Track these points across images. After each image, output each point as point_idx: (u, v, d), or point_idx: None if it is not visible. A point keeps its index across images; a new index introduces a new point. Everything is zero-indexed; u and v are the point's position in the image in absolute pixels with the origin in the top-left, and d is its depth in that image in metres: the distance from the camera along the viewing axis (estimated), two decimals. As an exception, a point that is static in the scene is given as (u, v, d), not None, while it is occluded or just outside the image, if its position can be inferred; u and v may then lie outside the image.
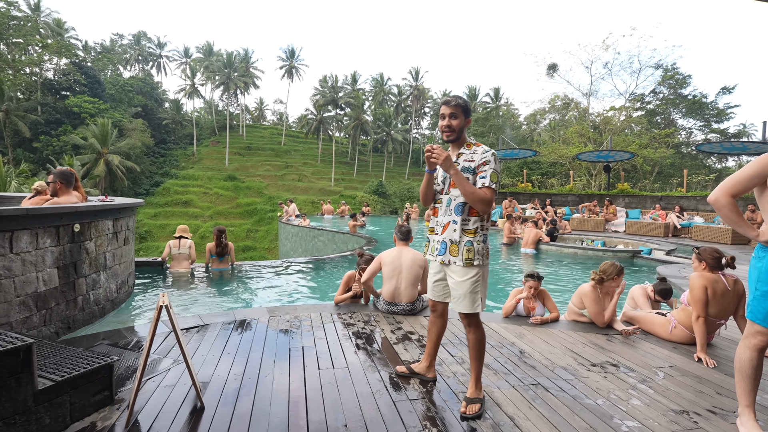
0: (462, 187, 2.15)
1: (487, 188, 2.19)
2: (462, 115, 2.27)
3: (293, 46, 66.06)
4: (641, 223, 13.15)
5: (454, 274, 2.30)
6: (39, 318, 3.32)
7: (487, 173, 2.20)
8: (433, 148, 2.14)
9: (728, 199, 2.03)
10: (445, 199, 2.34)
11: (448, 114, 2.26)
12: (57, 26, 49.29)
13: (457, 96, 2.28)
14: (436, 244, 2.37)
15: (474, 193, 2.15)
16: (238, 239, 38.66)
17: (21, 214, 3.08)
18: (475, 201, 2.16)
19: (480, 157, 2.23)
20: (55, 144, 39.84)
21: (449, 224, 2.29)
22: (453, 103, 2.25)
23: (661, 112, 34.72)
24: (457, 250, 2.26)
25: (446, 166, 2.12)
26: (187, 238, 6.75)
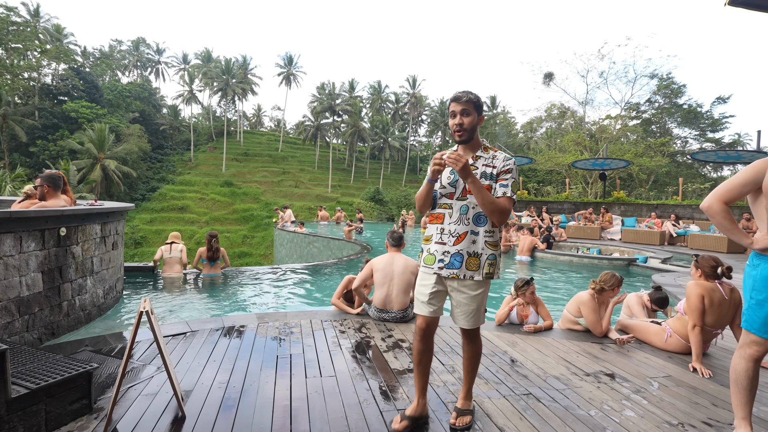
0: (481, 197, 1.94)
1: (507, 198, 2.02)
2: (474, 112, 2.06)
3: (291, 53, 66.55)
4: (637, 231, 13.15)
5: (468, 289, 2.09)
6: (21, 323, 3.24)
7: (508, 182, 2.04)
8: (448, 155, 1.93)
9: (721, 206, 2.00)
10: (458, 206, 2.08)
11: (460, 111, 2.04)
12: (56, 32, 49.44)
13: (468, 91, 2.05)
14: (444, 255, 2.09)
15: (494, 203, 1.97)
16: (234, 245, 38.47)
17: (4, 217, 3.02)
18: (494, 212, 1.99)
19: (502, 164, 2.07)
20: (51, 149, 39.74)
21: (467, 235, 2.05)
22: (464, 99, 2.03)
23: (657, 121, 35.00)
24: (477, 264, 2.06)
25: (465, 173, 1.92)
26: (179, 243, 6.71)
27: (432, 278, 2.15)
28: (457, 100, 2.05)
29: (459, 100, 2.04)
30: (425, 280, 2.19)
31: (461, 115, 2.04)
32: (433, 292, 2.15)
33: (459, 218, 2.07)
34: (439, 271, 2.11)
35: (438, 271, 2.11)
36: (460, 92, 2.07)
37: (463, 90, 2.08)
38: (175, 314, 4.93)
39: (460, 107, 2.04)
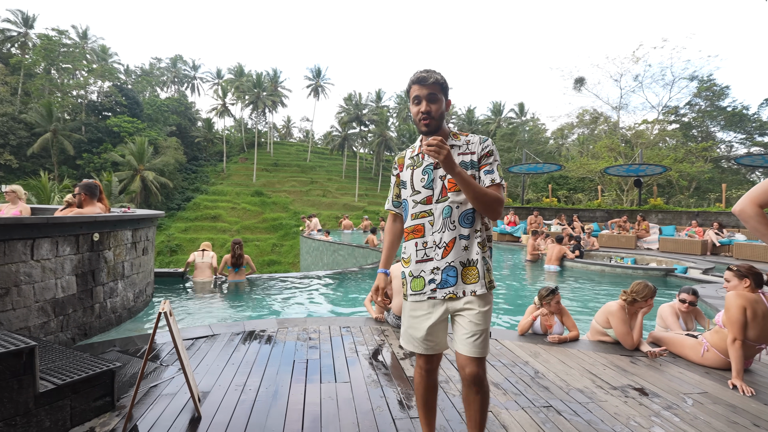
0: (472, 190, 1.59)
1: (497, 186, 1.69)
2: (442, 96, 1.72)
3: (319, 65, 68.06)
4: (676, 240, 12.50)
5: (474, 306, 1.68)
6: (56, 324, 3.42)
7: (493, 166, 1.71)
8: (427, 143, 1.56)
9: (755, 209, 1.86)
10: (439, 210, 1.71)
11: (426, 96, 1.68)
12: (102, 52, 52.78)
13: (432, 70, 1.71)
14: (434, 273, 1.72)
15: (486, 194, 1.62)
16: (263, 253, 39.34)
17: (42, 223, 3.21)
18: (489, 205, 1.64)
19: (480, 148, 1.73)
20: (96, 161, 42.15)
21: (455, 242, 1.68)
22: (431, 81, 1.67)
23: (698, 125, 33.39)
24: (476, 274, 1.69)
25: (449, 164, 1.54)
26: (209, 251, 6.98)
27: (425, 306, 1.76)
28: (421, 83, 1.69)
29: (424, 82, 1.68)
30: (417, 310, 1.78)
31: (427, 101, 1.69)
32: (432, 324, 1.75)
33: (443, 224, 1.71)
34: (433, 294, 1.73)
35: (432, 294, 1.73)
36: (423, 72, 1.70)
37: (426, 69, 1.72)
38: (200, 318, 5.07)
39: (425, 91, 1.68)
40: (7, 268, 2.99)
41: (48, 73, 46.77)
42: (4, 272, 2.97)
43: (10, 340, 2.05)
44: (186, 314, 5.18)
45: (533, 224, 14.90)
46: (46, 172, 22.50)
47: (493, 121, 56.02)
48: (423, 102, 1.69)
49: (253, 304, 5.98)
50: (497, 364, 3.25)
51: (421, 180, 1.77)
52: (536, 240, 11.17)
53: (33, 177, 23.27)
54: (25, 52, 47.87)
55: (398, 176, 1.93)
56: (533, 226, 14.61)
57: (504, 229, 16.18)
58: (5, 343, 2.00)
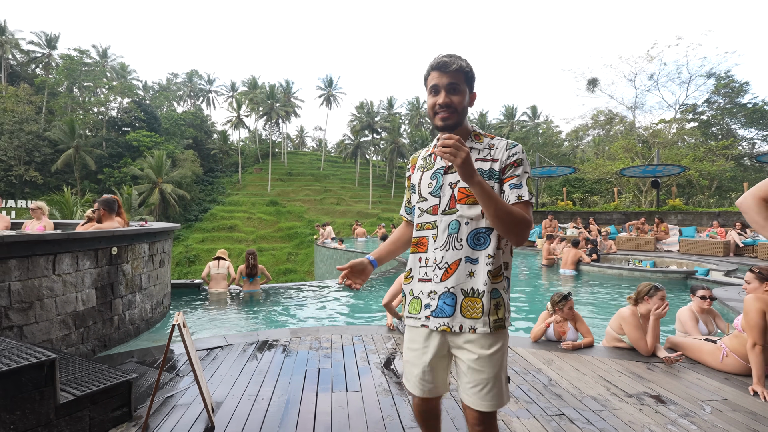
0: (494, 207, 1.27)
1: (525, 204, 1.37)
2: (466, 87, 1.42)
3: (331, 75, 68.95)
4: (697, 241, 12.18)
5: (474, 346, 1.38)
6: (77, 336, 3.53)
7: (522, 180, 1.39)
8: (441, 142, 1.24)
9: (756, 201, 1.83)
10: (444, 223, 1.43)
11: (446, 85, 1.39)
12: (121, 69, 54.55)
13: (456, 55, 1.42)
14: (431, 298, 1.43)
15: (511, 214, 1.30)
16: (279, 262, 39.71)
17: (63, 239, 3.34)
18: (513, 226, 1.31)
19: (506, 155, 1.40)
20: (116, 175, 43.38)
21: (459, 264, 1.39)
22: (453, 68, 1.38)
23: (717, 123, 32.57)
24: (480, 308, 1.37)
25: (467, 170, 1.23)
26: (226, 260, 7.09)
27: (421, 336, 1.48)
28: (441, 69, 1.39)
29: (445, 68, 1.39)
30: (413, 341, 1.51)
31: (447, 91, 1.39)
32: (430, 361, 1.46)
33: (447, 241, 1.41)
34: (426, 321, 1.44)
35: (425, 322, 1.44)
36: (445, 57, 1.41)
37: (449, 54, 1.42)
38: (216, 328, 5.16)
39: (446, 79, 1.39)
40: (31, 283, 3.12)
41: (70, 91, 48.51)
42: (28, 287, 3.10)
43: (32, 352, 2.14)
44: (202, 325, 5.27)
45: (548, 228, 14.72)
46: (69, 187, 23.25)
47: (506, 125, 55.74)
48: (442, 92, 1.40)
49: (267, 313, 6.06)
50: (509, 372, 3.22)
51: (429, 185, 1.49)
52: (551, 244, 11.03)
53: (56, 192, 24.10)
54: (49, 72, 49.82)
55: (409, 179, 1.67)
56: (548, 230, 14.43)
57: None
58: (27, 355, 2.09)
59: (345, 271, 1.56)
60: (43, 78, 47.64)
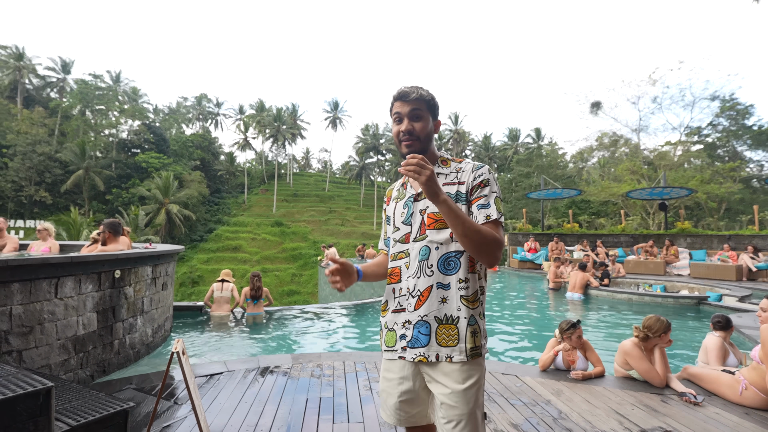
0: (461, 225, 1.26)
1: (494, 223, 1.34)
2: (428, 114, 1.47)
3: (337, 99, 70.03)
4: (708, 265, 11.97)
5: (448, 380, 1.33)
6: (76, 361, 3.48)
7: (489, 199, 1.37)
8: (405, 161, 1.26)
9: None
10: (415, 250, 1.41)
11: (408, 113, 1.44)
12: (133, 93, 56.02)
13: (418, 86, 1.48)
14: (405, 328, 1.40)
15: (480, 232, 1.27)
16: (283, 283, 39.50)
17: (66, 262, 3.34)
18: (483, 246, 1.28)
19: (473, 176, 1.41)
20: (124, 196, 43.91)
21: (431, 291, 1.36)
22: (413, 96, 1.44)
23: (723, 145, 32.55)
24: (454, 336, 1.34)
25: (431, 188, 1.23)
26: (230, 282, 7.03)
27: (397, 368, 1.44)
28: (403, 98, 1.45)
29: (406, 97, 1.44)
30: (389, 371, 1.47)
31: (409, 118, 1.44)
32: (405, 391, 1.42)
33: (418, 268, 1.39)
34: (403, 353, 1.40)
35: (402, 353, 1.40)
36: (407, 87, 1.46)
37: (411, 85, 1.48)
38: (217, 352, 5.08)
39: (407, 108, 1.44)
40: (32, 307, 3.10)
41: (83, 114, 49.73)
42: (29, 311, 3.08)
43: (29, 380, 2.10)
44: (203, 349, 5.20)
45: (554, 251, 14.57)
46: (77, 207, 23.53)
47: (510, 147, 56.11)
48: (405, 120, 1.44)
49: (269, 337, 5.97)
50: (517, 403, 3.12)
51: (401, 214, 1.50)
52: (558, 267, 10.89)
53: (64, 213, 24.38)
54: (63, 95, 51.24)
55: (385, 211, 1.65)
56: (554, 253, 14.29)
57: (525, 257, 15.87)
58: (24, 383, 2.05)
59: (335, 267, 1.47)
60: (57, 101, 48.97)
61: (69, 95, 49.98)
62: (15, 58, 47.32)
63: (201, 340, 5.59)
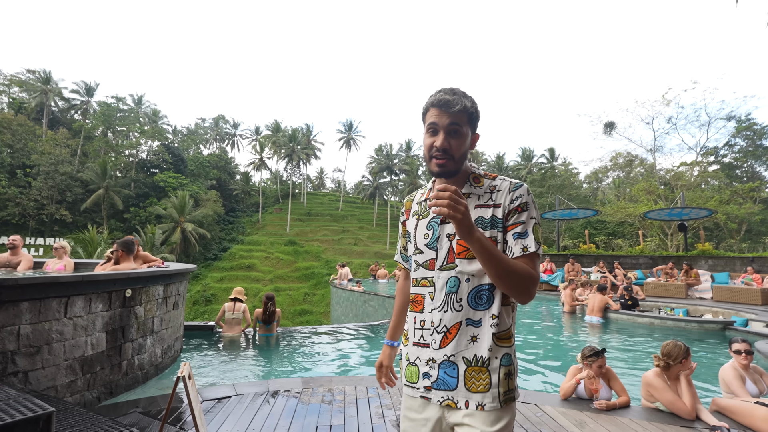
0: (495, 266, 1.11)
1: (531, 257, 1.18)
2: (468, 129, 1.25)
3: (351, 119, 71.38)
4: (732, 288, 11.50)
5: (476, 423, 1.19)
6: (83, 382, 3.42)
7: (527, 227, 1.21)
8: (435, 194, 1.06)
9: None
10: (442, 280, 1.25)
11: (445, 126, 1.22)
12: (153, 115, 57.79)
13: (461, 92, 1.24)
14: (429, 366, 1.26)
15: (515, 272, 1.12)
16: (295, 303, 39.34)
17: (77, 281, 3.32)
18: (517, 287, 1.14)
19: (508, 198, 1.23)
20: (141, 215, 44.76)
21: (460, 328, 1.22)
22: (456, 108, 1.21)
23: (741, 165, 31.89)
24: (485, 380, 1.20)
25: (465, 227, 1.06)
26: (242, 301, 6.95)
27: (418, 406, 1.30)
28: (443, 107, 1.21)
29: (448, 107, 1.21)
30: (411, 410, 1.33)
31: (447, 133, 1.22)
32: None
33: (446, 300, 1.24)
34: (427, 393, 1.26)
35: (425, 393, 1.27)
36: (448, 95, 1.22)
37: (452, 90, 1.24)
38: (227, 374, 4.97)
39: (446, 119, 1.21)
40: (41, 327, 3.06)
41: (105, 135, 51.37)
42: (38, 330, 3.04)
43: (30, 404, 2.03)
44: (212, 371, 5.10)
45: (570, 272, 14.22)
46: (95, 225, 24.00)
47: (524, 167, 55.84)
48: (441, 134, 1.22)
49: (280, 359, 5.85)
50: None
51: (425, 236, 1.32)
52: (574, 289, 10.58)
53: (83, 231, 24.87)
54: (86, 117, 53.09)
55: (404, 225, 1.49)
56: (570, 275, 13.93)
57: (540, 278, 15.52)
58: (24, 408, 1.98)
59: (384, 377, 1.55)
60: (81, 123, 50.72)
61: (92, 117, 51.79)
62: (42, 81, 49.44)
63: (211, 361, 5.49)
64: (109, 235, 27.65)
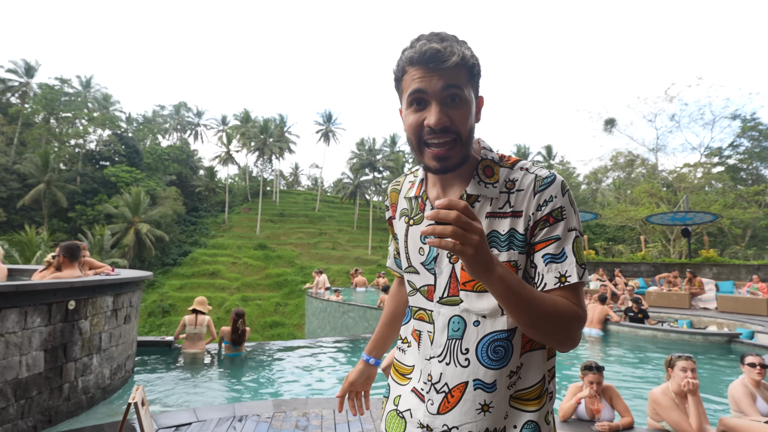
0: (524, 311, 0.81)
1: (572, 289, 0.89)
2: (471, 89, 0.92)
3: (330, 111, 70.89)
4: (737, 298, 11.89)
5: None
6: (16, 409, 3.25)
7: (565, 245, 0.91)
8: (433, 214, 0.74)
9: None
10: (443, 318, 0.98)
11: (438, 92, 0.88)
12: (104, 100, 56.27)
13: (453, 37, 0.91)
14: None
15: (551, 317, 0.83)
16: (266, 314, 38.87)
17: (10, 291, 3.16)
18: (558, 331, 0.85)
19: (534, 203, 0.92)
20: (89, 213, 43.46)
21: (465, 389, 0.94)
22: (453, 60, 0.86)
23: (746, 167, 33.14)
24: None
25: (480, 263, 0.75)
26: (204, 314, 6.75)
27: None
28: (432, 62, 0.87)
29: (438, 61, 0.86)
30: None
31: (443, 103, 0.89)
32: None
33: (447, 349, 0.97)
34: None
35: None
36: (432, 41, 0.88)
37: (437, 34, 0.90)
38: (187, 398, 4.83)
39: (438, 82, 0.88)
40: (-33, 345, 2.90)
41: (47, 122, 49.68)
42: (-37, 349, 2.88)
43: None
44: (171, 393, 4.95)
45: (568, 280, 14.44)
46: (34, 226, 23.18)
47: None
48: (433, 105, 0.89)
49: (249, 379, 5.73)
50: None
51: (419, 251, 1.03)
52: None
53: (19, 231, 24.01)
54: (25, 101, 51.26)
55: (390, 223, 1.23)
56: (568, 283, 14.15)
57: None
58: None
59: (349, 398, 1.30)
60: (18, 107, 48.91)
61: (32, 100, 49.98)
62: (-29, 60, 47.44)
63: (168, 383, 5.33)
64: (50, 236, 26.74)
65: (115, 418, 3.87)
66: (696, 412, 3.38)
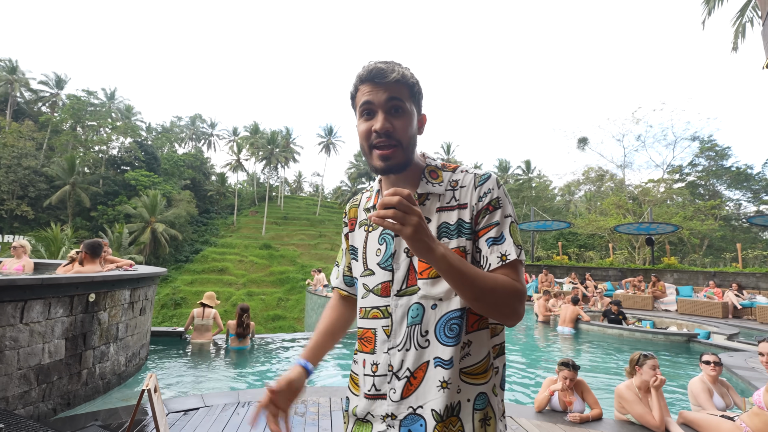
0: (470, 288, 0.84)
1: (512, 266, 0.93)
2: (413, 106, 1.00)
3: (331, 125, 71.06)
4: (695, 301, 11.98)
5: None
6: (38, 393, 3.20)
7: (503, 229, 0.96)
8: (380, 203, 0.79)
9: None
10: (401, 309, 0.97)
11: (383, 103, 0.95)
12: (126, 111, 55.94)
13: (396, 62, 1.00)
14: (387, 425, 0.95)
15: (495, 289, 0.86)
16: (269, 308, 38.58)
17: (36, 284, 3.11)
18: (500, 307, 0.88)
19: (475, 195, 0.98)
20: (110, 213, 43.05)
21: (427, 369, 0.93)
22: (393, 78, 0.95)
23: (703, 184, 33.52)
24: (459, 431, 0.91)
25: (421, 242, 0.79)
26: (212, 307, 6.70)
27: None
28: (376, 78, 0.95)
29: (381, 78, 0.95)
30: None
31: (387, 112, 0.96)
32: None
33: (407, 336, 0.95)
34: None
35: None
36: (381, 63, 0.97)
37: (383, 60, 0.99)
38: (195, 384, 4.78)
39: (383, 95, 0.95)
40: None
41: (74, 130, 49.27)
42: (-10, 337, 2.83)
43: (-24, 421, 1.87)
44: (180, 380, 4.89)
45: (544, 283, 14.50)
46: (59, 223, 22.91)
47: (500, 178, 56.98)
48: (379, 114, 0.95)
49: (252, 368, 5.68)
50: (513, 450, 2.92)
51: (377, 253, 1.03)
52: (547, 300, 10.77)
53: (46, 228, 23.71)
54: (55, 110, 50.87)
55: (347, 238, 1.19)
56: (544, 285, 14.21)
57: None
58: (-31, 425, 1.82)
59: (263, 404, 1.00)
60: (48, 116, 48.51)
61: (61, 110, 49.62)
62: (8, 71, 47.10)
63: (178, 370, 5.27)
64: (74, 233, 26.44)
65: (129, 402, 3.81)
66: (658, 406, 3.39)
